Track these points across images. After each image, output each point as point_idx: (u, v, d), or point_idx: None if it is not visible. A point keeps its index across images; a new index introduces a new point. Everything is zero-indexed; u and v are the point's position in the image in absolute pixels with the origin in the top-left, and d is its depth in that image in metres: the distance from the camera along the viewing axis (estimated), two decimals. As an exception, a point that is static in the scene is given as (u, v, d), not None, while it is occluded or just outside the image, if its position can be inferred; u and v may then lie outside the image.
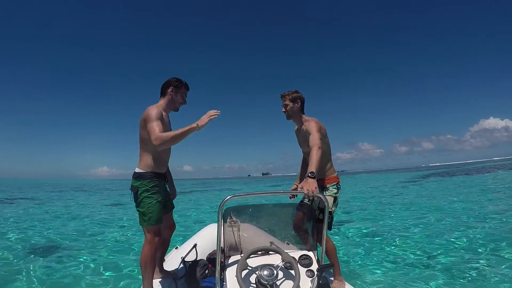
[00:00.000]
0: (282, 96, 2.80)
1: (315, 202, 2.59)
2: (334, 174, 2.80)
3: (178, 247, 3.25)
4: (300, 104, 2.77)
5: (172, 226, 2.78)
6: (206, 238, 3.18)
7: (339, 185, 2.77)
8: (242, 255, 1.89)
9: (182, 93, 2.63)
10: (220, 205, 1.78)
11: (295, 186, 3.05)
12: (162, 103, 2.55)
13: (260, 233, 2.16)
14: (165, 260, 2.83)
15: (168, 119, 2.57)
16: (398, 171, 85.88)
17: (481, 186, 17.10)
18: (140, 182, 2.42)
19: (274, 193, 2.23)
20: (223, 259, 1.95)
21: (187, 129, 2.25)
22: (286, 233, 2.17)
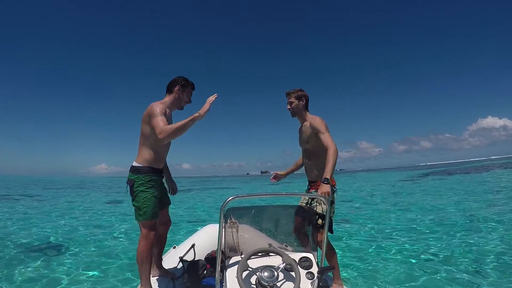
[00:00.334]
0: (288, 93, 2.84)
1: (313, 205, 2.58)
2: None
3: (176, 247, 3.23)
4: (304, 102, 2.83)
5: (167, 222, 2.77)
6: (204, 238, 3.16)
7: (335, 187, 2.71)
8: (242, 256, 1.87)
9: (188, 92, 2.66)
10: (222, 205, 1.75)
11: (275, 174, 3.14)
12: (168, 100, 2.57)
13: (259, 234, 2.14)
14: (163, 259, 2.81)
15: (170, 117, 2.58)
16: (396, 170, 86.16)
17: (479, 185, 17.17)
18: (136, 176, 2.44)
19: (277, 194, 2.18)
20: (223, 260, 1.93)
21: (190, 119, 2.27)
22: (286, 234, 2.16)
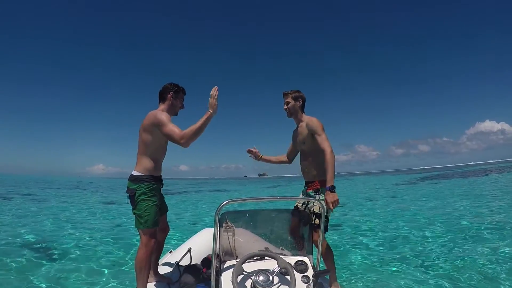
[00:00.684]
0: (285, 94, 2.85)
1: (309, 207, 2.59)
2: None
3: (172, 251, 3.22)
4: (301, 103, 2.84)
5: (165, 229, 2.77)
6: (200, 243, 3.16)
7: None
8: (237, 260, 1.87)
9: (181, 98, 2.65)
10: (217, 210, 1.75)
11: (255, 150, 3.16)
12: (163, 109, 2.55)
13: (255, 238, 2.14)
14: (159, 264, 2.81)
15: None
16: (394, 173, 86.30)
17: (476, 188, 17.22)
18: (137, 185, 2.42)
19: (273, 199, 2.18)
20: (219, 264, 1.93)
21: (205, 118, 2.25)
22: (281, 238, 2.15)
